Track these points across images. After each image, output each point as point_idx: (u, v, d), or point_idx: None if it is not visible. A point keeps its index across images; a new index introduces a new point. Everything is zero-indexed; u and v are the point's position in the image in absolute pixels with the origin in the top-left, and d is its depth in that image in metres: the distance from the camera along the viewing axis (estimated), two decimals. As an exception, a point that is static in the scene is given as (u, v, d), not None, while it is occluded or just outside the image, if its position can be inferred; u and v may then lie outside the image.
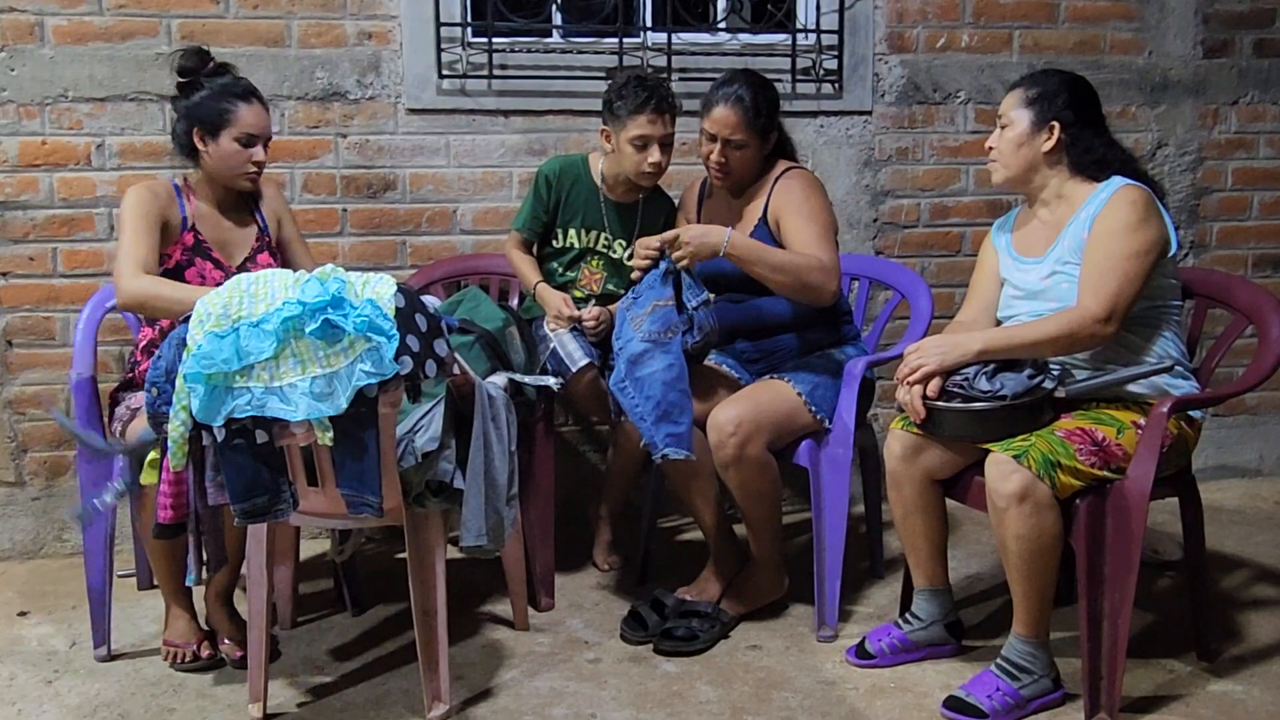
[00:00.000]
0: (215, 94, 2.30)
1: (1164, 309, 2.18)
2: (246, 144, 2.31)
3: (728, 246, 2.29)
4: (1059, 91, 2.19)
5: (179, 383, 1.89)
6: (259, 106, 2.33)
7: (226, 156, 2.31)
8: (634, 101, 2.58)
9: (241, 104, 2.30)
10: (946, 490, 2.27)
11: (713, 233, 2.31)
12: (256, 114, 2.32)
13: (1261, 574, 2.81)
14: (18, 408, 2.94)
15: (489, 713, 2.15)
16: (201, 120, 2.30)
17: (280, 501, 1.97)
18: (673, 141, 2.66)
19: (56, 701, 2.21)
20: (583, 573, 2.85)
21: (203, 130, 2.31)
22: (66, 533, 2.99)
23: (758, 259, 2.33)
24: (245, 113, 2.30)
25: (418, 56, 2.99)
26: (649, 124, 2.58)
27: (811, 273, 2.34)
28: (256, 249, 2.42)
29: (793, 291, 2.38)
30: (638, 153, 2.61)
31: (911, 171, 3.30)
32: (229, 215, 2.41)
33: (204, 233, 2.36)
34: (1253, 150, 3.47)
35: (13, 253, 2.89)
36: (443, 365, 1.97)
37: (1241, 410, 3.55)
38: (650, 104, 2.57)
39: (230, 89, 2.31)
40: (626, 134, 2.60)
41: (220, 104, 2.29)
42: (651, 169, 2.63)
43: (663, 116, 2.60)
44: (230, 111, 2.29)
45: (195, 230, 2.35)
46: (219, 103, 2.29)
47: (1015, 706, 2.08)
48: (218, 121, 2.29)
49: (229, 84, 2.32)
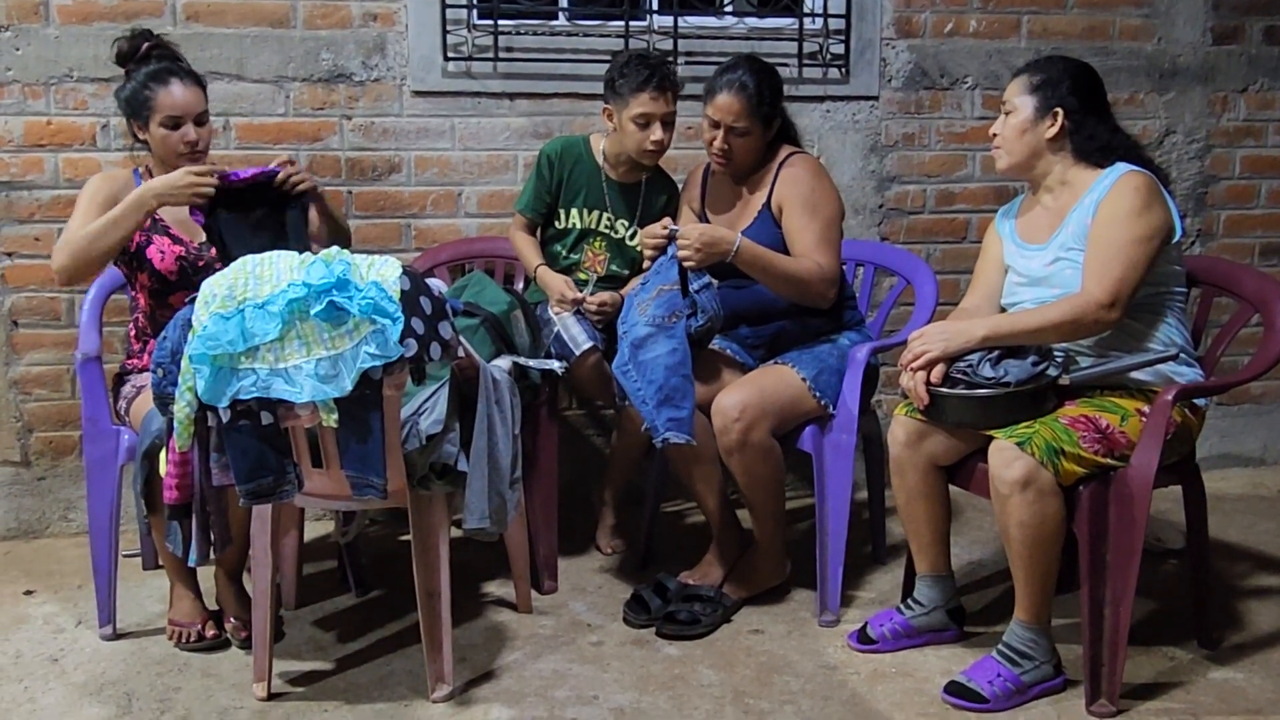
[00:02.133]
0: (139, 83, 2.31)
1: (1168, 296, 2.17)
2: (173, 126, 2.31)
3: (734, 256, 2.32)
4: (1063, 78, 2.18)
5: (184, 364, 1.90)
6: (180, 85, 2.32)
7: (159, 142, 2.33)
8: (637, 79, 2.59)
9: (160, 88, 2.30)
10: (950, 476, 2.27)
11: (722, 241, 2.32)
12: (177, 94, 2.31)
13: (1264, 562, 2.81)
14: (23, 388, 2.95)
15: (492, 694, 2.16)
16: (132, 110, 2.33)
17: (285, 483, 1.98)
18: (674, 120, 2.67)
19: (62, 680, 2.23)
20: (586, 556, 2.85)
21: (136, 120, 2.33)
22: (72, 512, 3.01)
23: (763, 268, 2.37)
24: (164, 96, 2.30)
25: (423, 38, 2.98)
26: (651, 101, 2.60)
27: (814, 284, 2.41)
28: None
29: (792, 298, 2.45)
30: (640, 130, 2.62)
31: (918, 157, 3.29)
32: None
33: (162, 214, 2.35)
34: (1261, 138, 3.45)
35: (18, 233, 2.89)
36: (447, 348, 1.97)
37: (1246, 399, 3.55)
38: (653, 81, 2.59)
39: (152, 75, 2.31)
40: (629, 112, 2.61)
41: (143, 92, 2.31)
42: (654, 146, 2.64)
43: (665, 94, 2.61)
44: (151, 98, 2.30)
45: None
46: (142, 91, 2.31)
47: (1016, 692, 2.09)
48: (143, 109, 2.31)
49: (152, 70, 2.32)
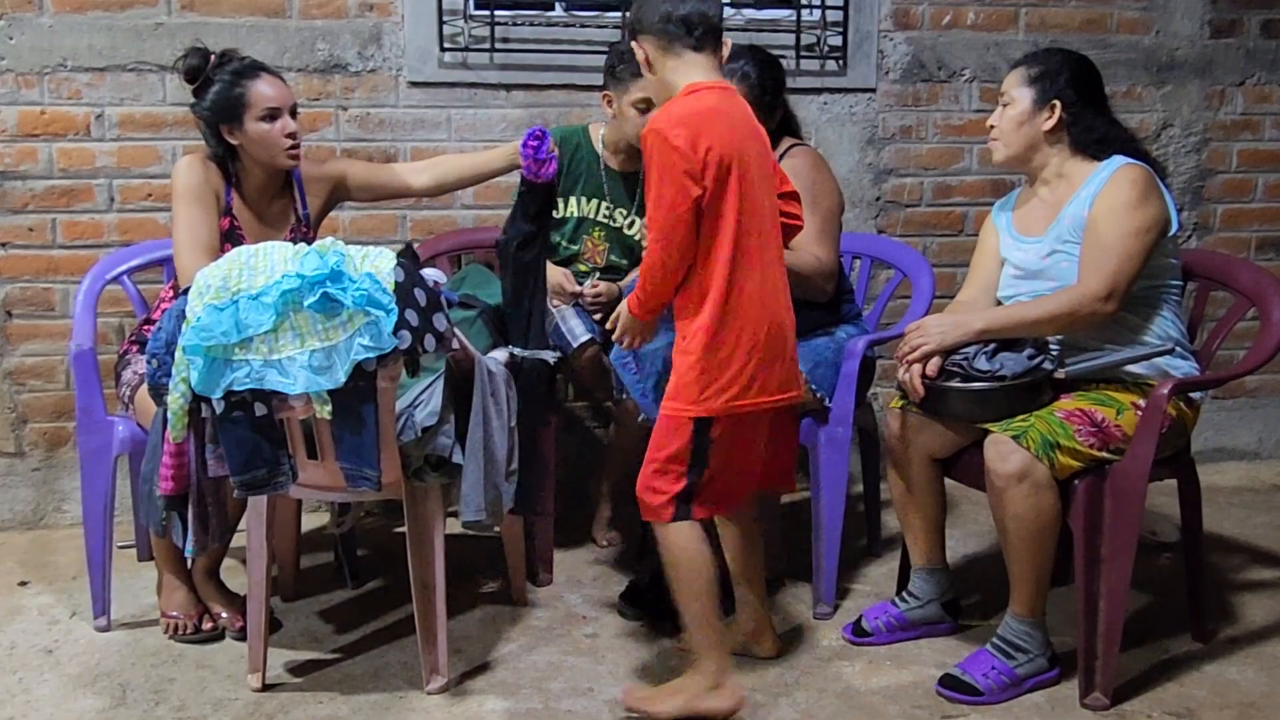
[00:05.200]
0: (227, 83, 2.27)
1: (1163, 289, 2.17)
2: (272, 119, 2.28)
3: None
4: (1061, 70, 2.17)
5: (178, 355, 1.89)
6: (271, 78, 2.30)
7: (258, 138, 2.28)
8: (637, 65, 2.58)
9: (253, 83, 2.27)
10: (945, 469, 2.27)
11: None
12: (270, 86, 2.29)
13: (1258, 556, 2.82)
14: (17, 379, 2.94)
15: (487, 685, 2.17)
16: (222, 113, 2.27)
17: (279, 474, 1.98)
18: None
19: (57, 671, 2.23)
20: (581, 549, 2.85)
21: (227, 123, 2.28)
22: (66, 503, 3.00)
23: None
24: (260, 89, 2.27)
25: (419, 29, 2.97)
26: None
27: (813, 278, 2.40)
28: (290, 239, 2.38)
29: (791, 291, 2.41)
30: (640, 115, 2.62)
31: (915, 150, 3.28)
32: (267, 203, 2.39)
33: (240, 219, 2.33)
34: (1259, 132, 3.45)
35: (12, 223, 2.88)
36: (441, 340, 1.96)
37: (1241, 393, 3.55)
38: None
39: (239, 72, 2.28)
40: (629, 97, 2.62)
41: (233, 90, 2.26)
42: None
43: None
44: (244, 94, 2.26)
45: (232, 215, 2.33)
46: (231, 90, 2.26)
47: (1010, 685, 2.09)
48: (237, 107, 2.26)
49: (237, 68, 2.29)
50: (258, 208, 2.37)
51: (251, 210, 2.36)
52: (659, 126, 1.87)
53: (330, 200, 2.51)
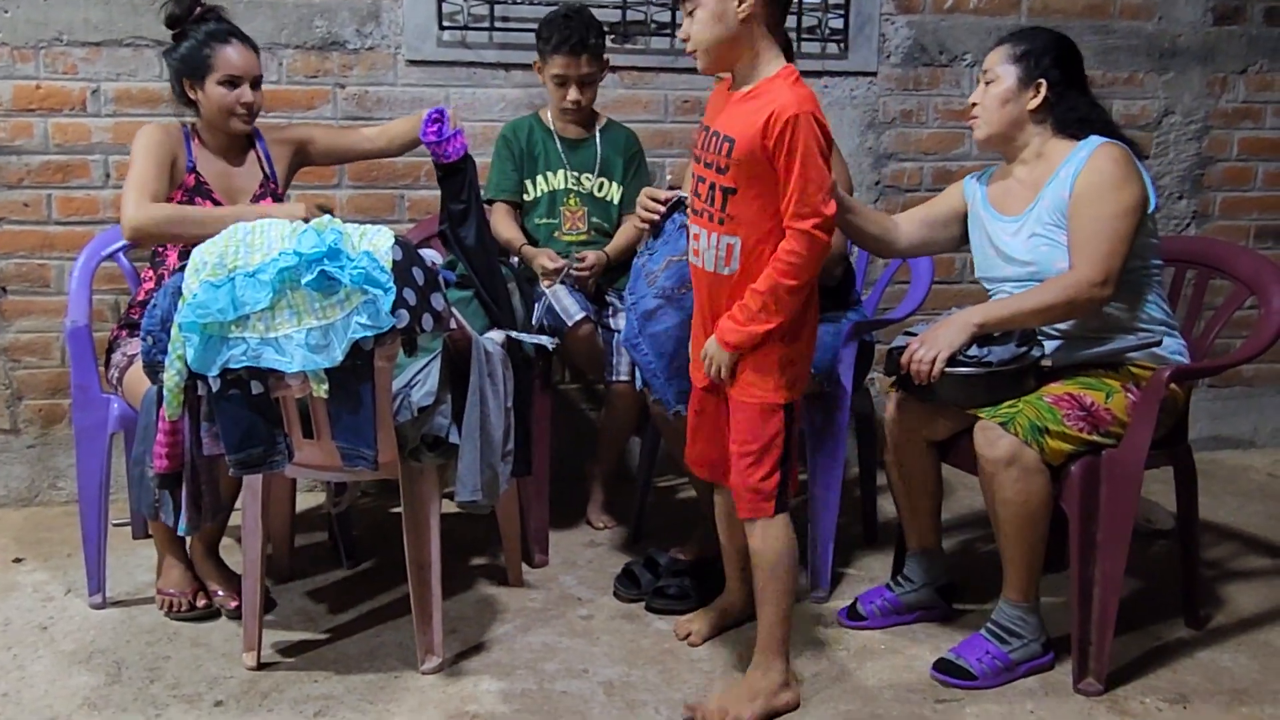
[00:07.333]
0: (199, 41, 2.32)
1: (1145, 270, 2.14)
2: (232, 85, 2.32)
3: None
4: (1046, 49, 2.15)
5: (174, 332, 1.88)
6: (241, 47, 2.33)
7: (214, 100, 2.32)
8: (554, 40, 2.68)
9: (223, 47, 2.31)
10: (943, 454, 2.27)
11: None
12: (238, 54, 2.32)
13: (1252, 544, 2.83)
14: (12, 355, 2.93)
15: (481, 666, 2.17)
16: (188, 68, 2.33)
17: (275, 453, 1.97)
18: (597, 79, 2.76)
19: (51, 648, 2.22)
20: (577, 530, 2.86)
21: (191, 78, 2.33)
22: (61, 480, 2.99)
23: None
24: (227, 54, 2.31)
25: (418, 6, 2.95)
26: (564, 65, 2.69)
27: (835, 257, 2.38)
28: (259, 194, 2.41)
29: None
30: (557, 89, 2.74)
31: (915, 134, 3.27)
32: (233, 160, 2.42)
33: (206, 175, 2.36)
34: (1260, 120, 3.44)
35: (6, 198, 2.86)
36: (439, 319, 1.95)
37: (1238, 381, 3.55)
38: (566, 45, 2.67)
39: (212, 34, 2.32)
40: (549, 70, 2.72)
41: (202, 50, 2.31)
42: (570, 105, 2.74)
43: (578, 58, 2.69)
44: (211, 56, 2.30)
45: (197, 173, 2.36)
46: (201, 50, 2.31)
47: (1004, 670, 2.10)
48: (202, 67, 2.31)
49: (211, 29, 2.33)
50: (223, 164, 2.40)
51: (217, 167, 2.39)
52: (810, 109, 1.82)
53: (294, 163, 2.54)
